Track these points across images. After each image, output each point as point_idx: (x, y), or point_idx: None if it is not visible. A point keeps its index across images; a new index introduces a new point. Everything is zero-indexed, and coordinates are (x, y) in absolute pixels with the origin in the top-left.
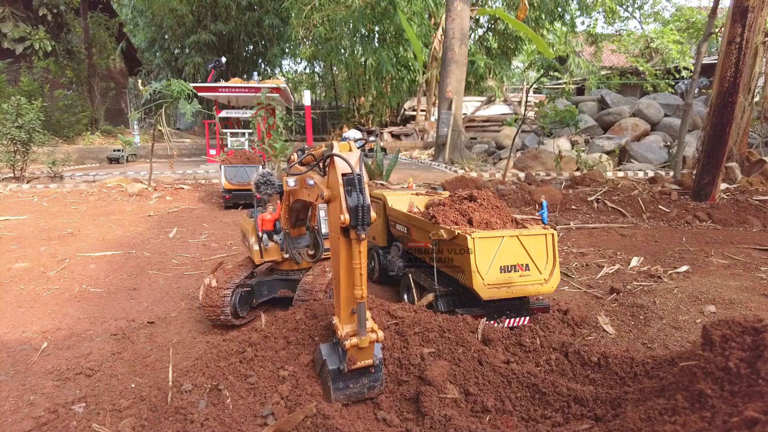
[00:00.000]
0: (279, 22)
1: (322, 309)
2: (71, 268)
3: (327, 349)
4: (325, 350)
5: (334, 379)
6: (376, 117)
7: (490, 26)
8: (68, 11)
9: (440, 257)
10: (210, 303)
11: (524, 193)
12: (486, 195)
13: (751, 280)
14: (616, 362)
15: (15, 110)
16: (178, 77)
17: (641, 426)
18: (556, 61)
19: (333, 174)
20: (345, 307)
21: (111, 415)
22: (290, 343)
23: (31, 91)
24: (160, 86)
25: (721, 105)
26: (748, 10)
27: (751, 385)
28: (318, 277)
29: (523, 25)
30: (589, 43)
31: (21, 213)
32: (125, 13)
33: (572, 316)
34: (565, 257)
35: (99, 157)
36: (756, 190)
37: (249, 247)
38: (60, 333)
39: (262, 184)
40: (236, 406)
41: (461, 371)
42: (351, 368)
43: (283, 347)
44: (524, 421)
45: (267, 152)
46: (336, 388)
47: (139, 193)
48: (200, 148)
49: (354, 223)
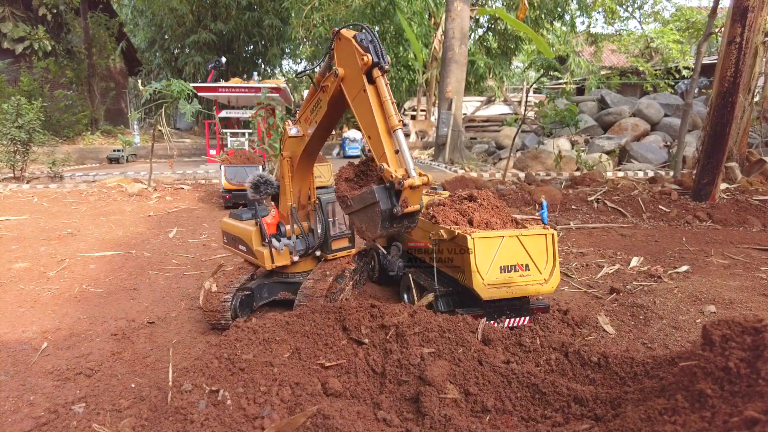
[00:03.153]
0: (279, 22)
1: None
2: (71, 268)
3: (380, 192)
4: (378, 192)
5: (383, 219)
6: None
7: (490, 26)
8: (68, 11)
9: (440, 257)
10: (210, 308)
11: (524, 193)
12: (486, 195)
13: (751, 280)
14: (616, 362)
15: (15, 110)
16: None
17: (641, 426)
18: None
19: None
20: (389, 148)
21: (111, 415)
22: (290, 343)
23: (31, 91)
24: (160, 86)
25: (721, 105)
26: (748, 10)
27: (751, 385)
28: (319, 281)
29: (523, 25)
30: (589, 43)
31: (21, 213)
32: (125, 13)
33: (572, 316)
34: (565, 257)
35: (99, 157)
36: (756, 190)
37: (253, 253)
38: (60, 333)
39: (262, 183)
40: (236, 406)
41: (461, 371)
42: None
43: (285, 349)
44: (524, 421)
45: (267, 152)
46: (383, 227)
47: (139, 193)
48: (200, 148)
49: (376, 60)
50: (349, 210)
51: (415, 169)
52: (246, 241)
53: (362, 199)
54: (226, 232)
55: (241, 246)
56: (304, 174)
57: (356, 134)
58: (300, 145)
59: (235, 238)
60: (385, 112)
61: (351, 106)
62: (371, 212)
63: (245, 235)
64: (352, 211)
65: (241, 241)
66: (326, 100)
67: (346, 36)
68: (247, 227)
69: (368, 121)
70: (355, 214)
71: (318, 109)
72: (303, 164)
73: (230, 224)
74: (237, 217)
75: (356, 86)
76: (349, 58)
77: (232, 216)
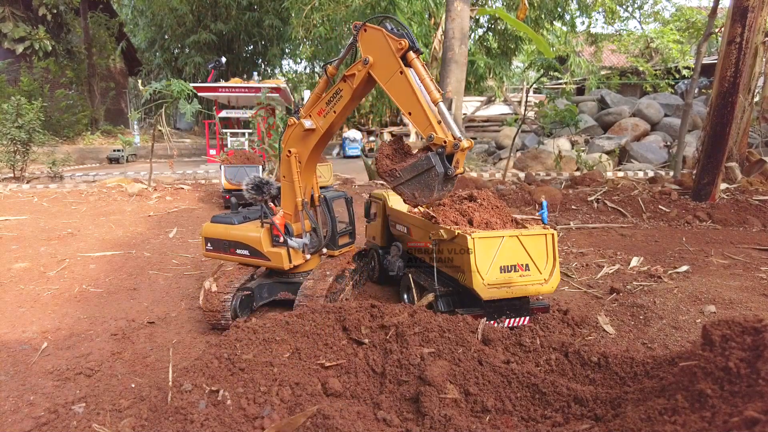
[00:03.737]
0: (279, 23)
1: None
2: (71, 268)
3: (435, 158)
4: (433, 158)
5: (439, 182)
6: (376, 117)
7: (490, 26)
8: (68, 11)
9: (440, 257)
10: (210, 307)
11: (524, 193)
12: (486, 195)
13: (751, 280)
14: (616, 362)
15: (15, 110)
16: (178, 77)
17: (641, 426)
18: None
19: (371, 32)
20: (433, 119)
21: (111, 415)
22: (290, 343)
23: (31, 91)
24: (160, 86)
25: (721, 105)
26: (748, 10)
27: (751, 385)
28: (319, 281)
29: (523, 25)
30: (589, 43)
31: (21, 213)
32: (125, 13)
33: (572, 316)
34: (565, 257)
35: (99, 157)
36: (756, 190)
37: (264, 256)
38: (60, 333)
39: (264, 184)
40: (236, 406)
41: (461, 371)
42: (456, 173)
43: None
44: (524, 421)
45: (267, 152)
46: (439, 189)
47: (139, 193)
48: (200, 148)
49: (412, 44)
50: (397, 182)
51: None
52: (252, 245)
53: (414, 167)
54: (213, 239)
55: (240, 250)
56: (310, 170)
57: (356, 134)
58: (312, 140)
59: (230, 243)
60: (426, 87)
61: (384, 88)
62: (426, 178)
63: (250, 238)
64: (401, 183)
65: (240, 246)
66: (350, 88)
67: (373, 27)
68: (252, 230)
69: (407, 98)
70: (404, 185)
71: (338, 99)
72: (311, 160)
73: (220, 229)
74: (225, 221)
75: (390, 69)
76: (378, 45)
77: (216, 221)
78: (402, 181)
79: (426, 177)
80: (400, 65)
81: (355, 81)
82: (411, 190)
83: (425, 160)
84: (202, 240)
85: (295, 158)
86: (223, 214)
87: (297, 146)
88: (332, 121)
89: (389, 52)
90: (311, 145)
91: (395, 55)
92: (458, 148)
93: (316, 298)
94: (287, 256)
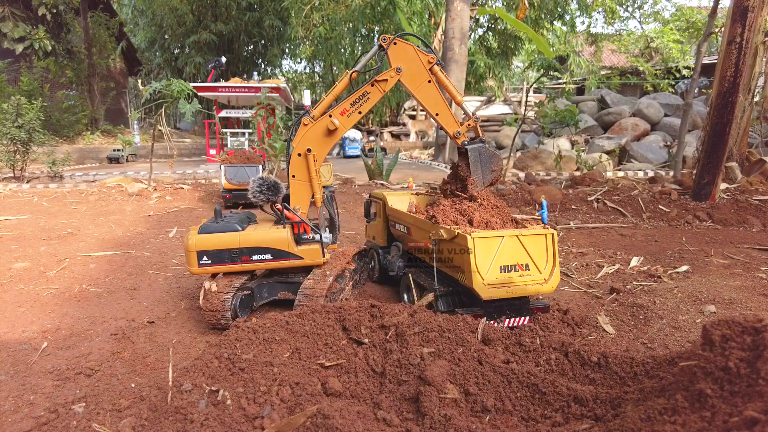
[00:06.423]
0: (279, 23)
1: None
2: (71, 268)
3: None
4: (479, 145)
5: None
6: (376, 117)
7: (490, 26)
8: (68, 11)
9: (440, 257)
10: (210, 307)
11: (524, 193)
12: (486, 195)
13: (751, 280)
14: (616, 362)
15: (15, 110)
16: (178, 77)
17: (641, 426)
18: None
19: (400, 46)
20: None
21: (111, 415)
22: (290, 343)
23: (31, 91)
24: (160, 86)
25: (721, 105)
26: (748, 10)
27: (751, 385)
28: (319, 281)
29: (523, 25)
30: (589, 43)
31: (21, 213)
32: (125, 12)
33: (572, 316)
34: (565, 257)
35: (99, 157)
36: (756, 190)
37: (293, 256)
38: (60, 333)
39: (272, 185)
40: (236, 406)
41: (461, 371)
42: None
43: (285, 349)
44: (524, 420)
45: (267, 152)
46: (495, 161)
47: (139, 193)
48: (200, 148)
49: (438, 60)
50: (480, 184)
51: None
52: (278, 247)
53: (476, 161)
54: (212, 251)
55: (259, 256)
56: (320, 168)
57: (356, 134)
58: (333, 139)
59: (242, 251)
60: (450, 92)
61: (413, 93)
62: (485, 163)
63: (276, 240)
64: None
65: (259, 251)
66: (380, 92)
67: (404, 42)
68: (275, 233)
69: (435, 102)
70: (483, 180)
71: (365, 101)
72: (323, 158)
73: (224, 239)
74: (226, 229)
75: (420, 78)
76: (409, 57)
77: (210, 231)
78: (482, 180)
79: (485, 162)
80: (429, 75)
81: (387, 86)
82: (482, 176)
83: (474, 151)
84: (190, 255)
85: (312, 157)
86: (208, 222)
87: (316, 145)
88: (355, 122)
89: (419, 64)
90: (331, 143)
91: (425, 66)
92: (479, 121)
93: (316, 298)
94: (322, 251)
